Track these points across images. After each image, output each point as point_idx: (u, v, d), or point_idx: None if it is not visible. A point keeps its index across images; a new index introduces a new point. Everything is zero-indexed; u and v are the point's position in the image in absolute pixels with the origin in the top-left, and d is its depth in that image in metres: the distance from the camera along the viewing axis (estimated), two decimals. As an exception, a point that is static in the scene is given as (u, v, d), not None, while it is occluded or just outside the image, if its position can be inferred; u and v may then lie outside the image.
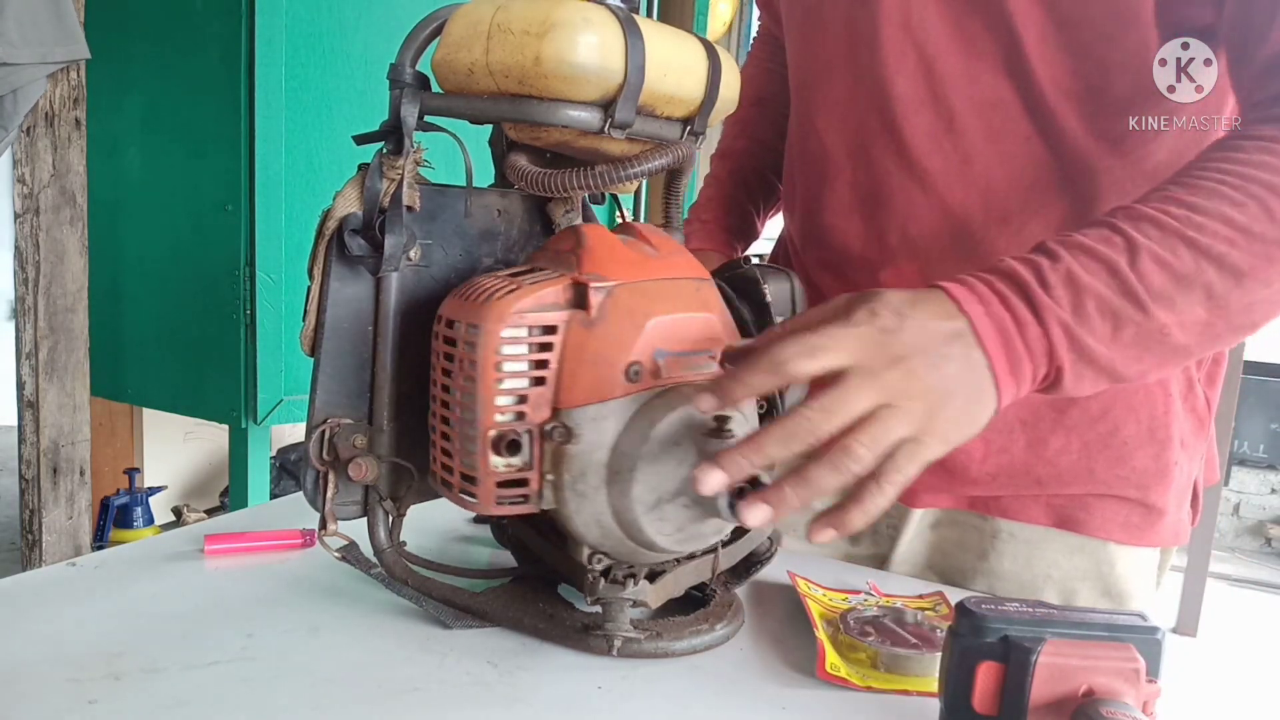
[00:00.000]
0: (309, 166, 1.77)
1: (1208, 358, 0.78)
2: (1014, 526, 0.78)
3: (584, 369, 0.54)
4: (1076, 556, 0.77)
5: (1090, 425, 0.75)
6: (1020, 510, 0.77)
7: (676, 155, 0.59)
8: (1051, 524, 0.77)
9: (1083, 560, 0.77)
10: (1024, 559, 0.78)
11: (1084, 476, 0.75)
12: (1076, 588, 0.77)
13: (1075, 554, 0.77)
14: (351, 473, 0.59)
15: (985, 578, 0.79)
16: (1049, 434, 0.75)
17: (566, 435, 0.53)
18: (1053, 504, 0.77)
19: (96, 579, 0.66)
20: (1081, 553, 0.77)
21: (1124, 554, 0.77)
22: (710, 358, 0.56)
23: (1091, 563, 0.77)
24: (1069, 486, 0.76)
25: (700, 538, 0.56)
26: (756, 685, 0.57)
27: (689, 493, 0.52)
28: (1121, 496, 0.76)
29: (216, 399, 1.80)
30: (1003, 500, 0.78)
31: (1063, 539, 0.77)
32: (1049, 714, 0.46)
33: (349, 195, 0.59)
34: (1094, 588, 0.77)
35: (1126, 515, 0.76)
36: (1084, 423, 0.75)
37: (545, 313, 0.54)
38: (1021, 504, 0.77)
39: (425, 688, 0.54)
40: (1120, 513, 0.76)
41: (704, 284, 0.60)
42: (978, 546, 0.80)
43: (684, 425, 0.52)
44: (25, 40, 1.52)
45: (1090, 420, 0.75)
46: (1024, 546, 0.78)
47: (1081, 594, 0.77)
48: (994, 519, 0.79)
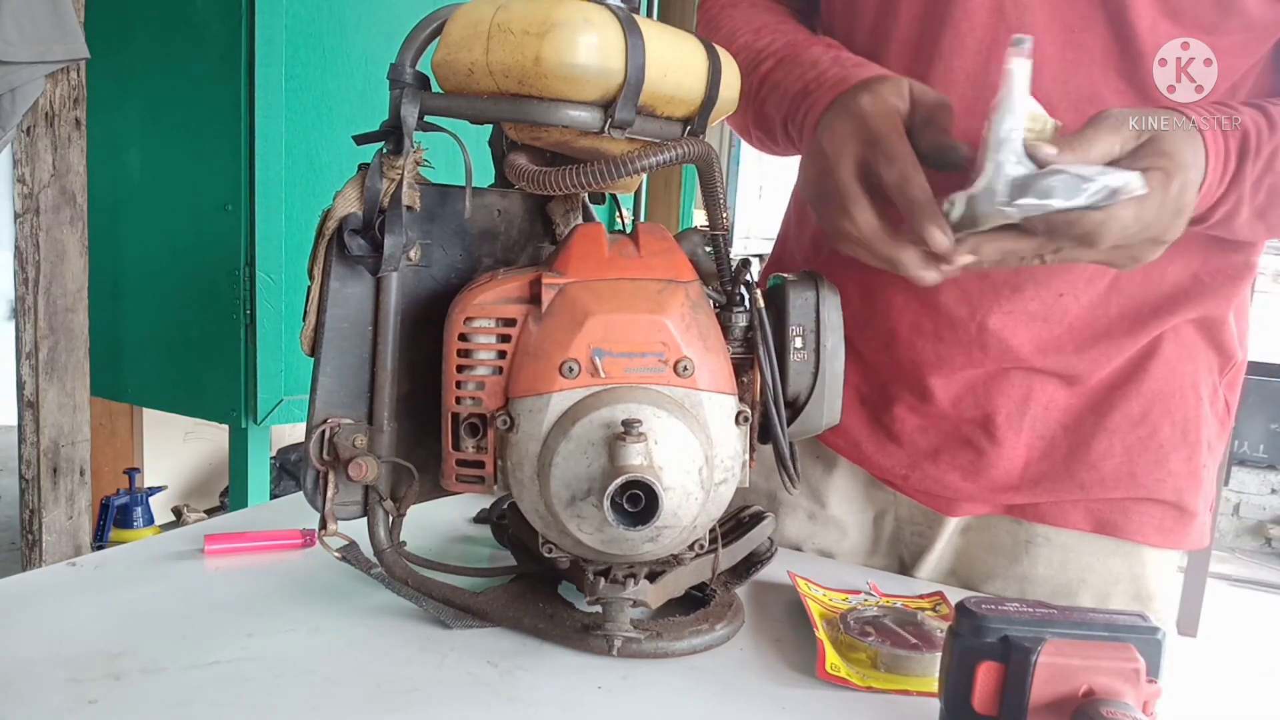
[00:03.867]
0: (309, 166, 1.77)
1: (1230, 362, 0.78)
2: (1050, 531, 0.77)
3: (528, 362, 0.56)
4: (1111, 560, 0.77)
5: (1131, 428, 0.75)
6: (1059, 515, 0.77)
7: (676, 153, 0.59)
8: (1090, 529, 0.76)
9: (1117, 563, 0.77)
10: (1059, 563, 0.77)
11: (1126, 480, 0.75)
12: (1111, 591, 0.77)
13: (1110, 557, 0.77)
14: (351, 473, 0.59)
15: (1016, 581, 0.79)
16: (1091, 438, 0.75)
17: (509, 424, 0.56)
18: (1092, 509, 0.76)
19: (96, 579, 0.66)
20: (1116, 556, 0.77)
21: (1154, 556, 0.77)
22: (660, 360, 0.55)
23: (1125, 566, 0.77)
24: (1111, 491, 0.75)
25: (624, 541, 0.54)
26: (756, 685, 0.57)
27: (596, 492, 0.52)
28: (1159, 499, 0.76)
29: (216, 399, 1.80)
30: (1041, 506, 0.77)
31: (1098, 543, 0.77)
32: (1049, 714, 0.46)
33: (349, 195, 0.59)
34: (1126, 590, 0.77)
35: (1161, 518, 0.76)
36: (1125, 425, 0.75)
37: (505, 305, 0.57)
38: (1061, 509, 0.77)
39: (425, 688, 0.54)
40: (1156, 516, 0.76)
41: (670, 286, 0.57)
42: (1010, 550, 0.79)
43: (599, 426, 0.53)
44: (23, 39, 1.52)
45: (1131, 423, 0.75)
46: (1059, 551, 0.77)
47: (1115, 598, 0.77)
48: (1030, 524, 0.78)
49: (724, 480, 0.57)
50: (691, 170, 0.62)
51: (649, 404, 0.53)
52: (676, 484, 0.53)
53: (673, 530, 0.55)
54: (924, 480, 0.79)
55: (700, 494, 0.54)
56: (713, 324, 0.58)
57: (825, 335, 0.60)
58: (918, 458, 0.79)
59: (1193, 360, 0.76)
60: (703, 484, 0.54)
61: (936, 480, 0.78)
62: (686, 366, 0.55)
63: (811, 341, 0.60)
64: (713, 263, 0.62)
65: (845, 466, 0.84)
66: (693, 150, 0.58)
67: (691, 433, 0.54)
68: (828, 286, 0.61)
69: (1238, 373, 0.79)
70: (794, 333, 0.61)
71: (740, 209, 3.75)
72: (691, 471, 0.54)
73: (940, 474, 0.78)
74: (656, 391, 0.55)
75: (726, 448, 0.56)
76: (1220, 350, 0.77)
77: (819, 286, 0.61)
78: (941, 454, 0.78)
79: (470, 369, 0.58)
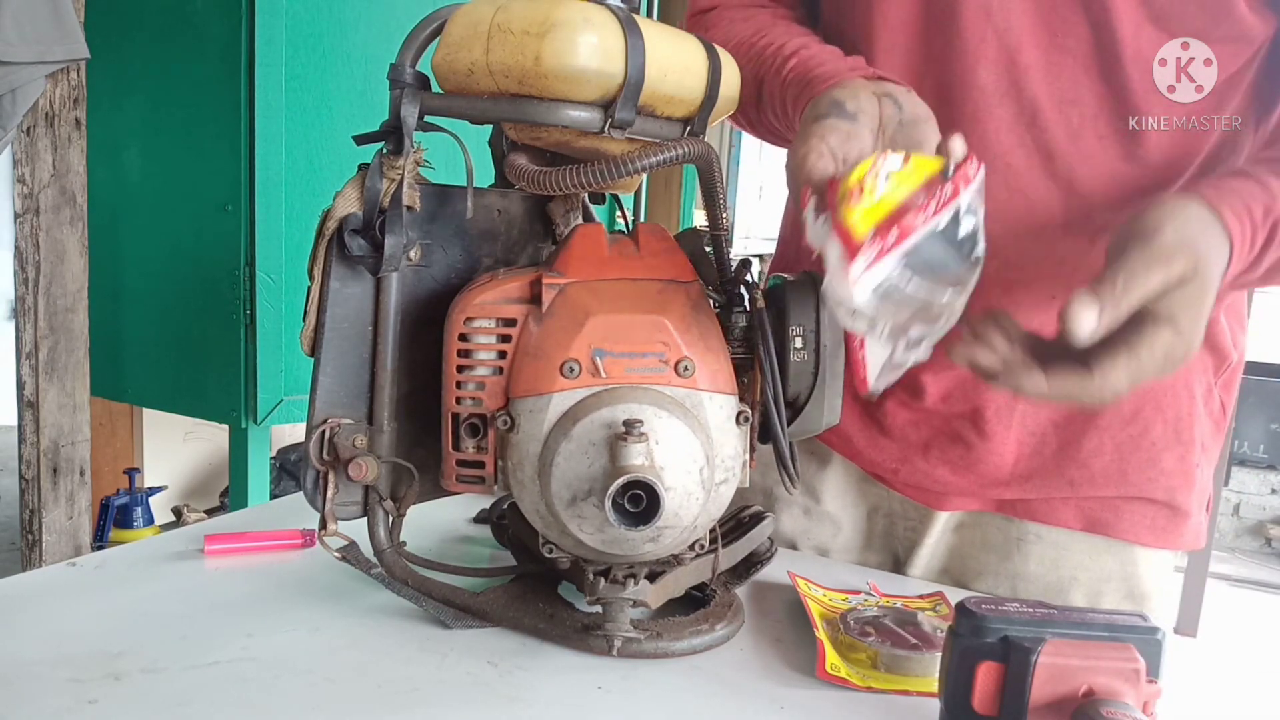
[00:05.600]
0: (309, 166, 1.77)
1: (1226, 362, 0.78)
2: (1042, 529, 0.77)
3: (528, 362, 0.56)
4: (1103, 558, 0.77)
5: (1122, 426, 0.75)
6: (1050, 513, 0.77)
7: (676, 153, 0.59)
8: (1081, 527, 0.77)
9: (1109, 562, 0.77)
10: (1051, 561, 0.78)
11: (1116, 479, 0.75)
12: (1103, 590, 0.77)
13: (1102, 556, 0.77)
14: (351, 473, 0.59)
15: (1008, 579, 0.79)
16: (1081, 435, 0.75)
17: (509, 424, 0.56)
18: (1083, 507, 0.76)
19: (96, 579, 0.66)
20: (1108, 555, 0.77)
21: (1147, 556, 0.77)
22: (660, 360, 0.55)
23: (1117, 564, 0.77)
24: (1101, 489, 0.75)
25: (625, 542, 0.55)
26: (756, 685, 0.57)
27: (597, 492, 0.52)
28: (1150, 499, 0.76)
29: (216, 399, 1.80)
30: (1032, 503, 0.77)
31: (1090, 541, 0.77)
32: (1049, 714, 0.46)
33: (349, 195, 0.59)
34: (1119, 589, 0.77)
35: (1153, 518, 0.76)
36: (1116, 424, 0.75)
37: (506, 305, 0.58)
38: (1051, 506, 0.77)
39: (425, 688, 0.54)
40: (1148, 515, 0.76)
41: (670, 286, 0.58)
42: (1001, 548, 0.79)
43: (600, 426, 0.53)
44: (23, 39, 1.52)
45: (1122, 421, 0.75)
46: (1051, 549, 0.77)
47: (1107, 596, 0.77)
48: (1021, 521, 0.78)
49: (724, 480, 0.57)
50: (691, 170, 0.62)
51: (650, 404, 0.53)
52: (677, 484, 0.53)
53: (673, 530, 0.55)
54: (914, 474, 0.79)
55: (701, 494, 0.54)
56: (713, 324, 0.58)
57: (825, 335, 0.60)
58: (908, 452, 0.79)
59: None
60: (703, 484, 0.54)
61: (926, 474, 0.78)
62: (687, 366, 0.55)
63: (811, 341, 0.60)
64: (713, 263, 0.62)
65: (839, 462, 0.84)
66: (693, 150, 0.58)
67: (692, 433, 0.54)
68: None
69: (1234, 373, 0.79)
70: (794, 333, 0.60)
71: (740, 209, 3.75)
72: (692, 472, 0.54)
73: (930, 468, 0.78)
74: (657, 392, 0.55)
75: (727, 448, 0.56)
76: (1214, 350, 0.77)
77: (819, 286, 0.61)
78: (931, 448, 0.78)
79: (470, 369, 0.58)
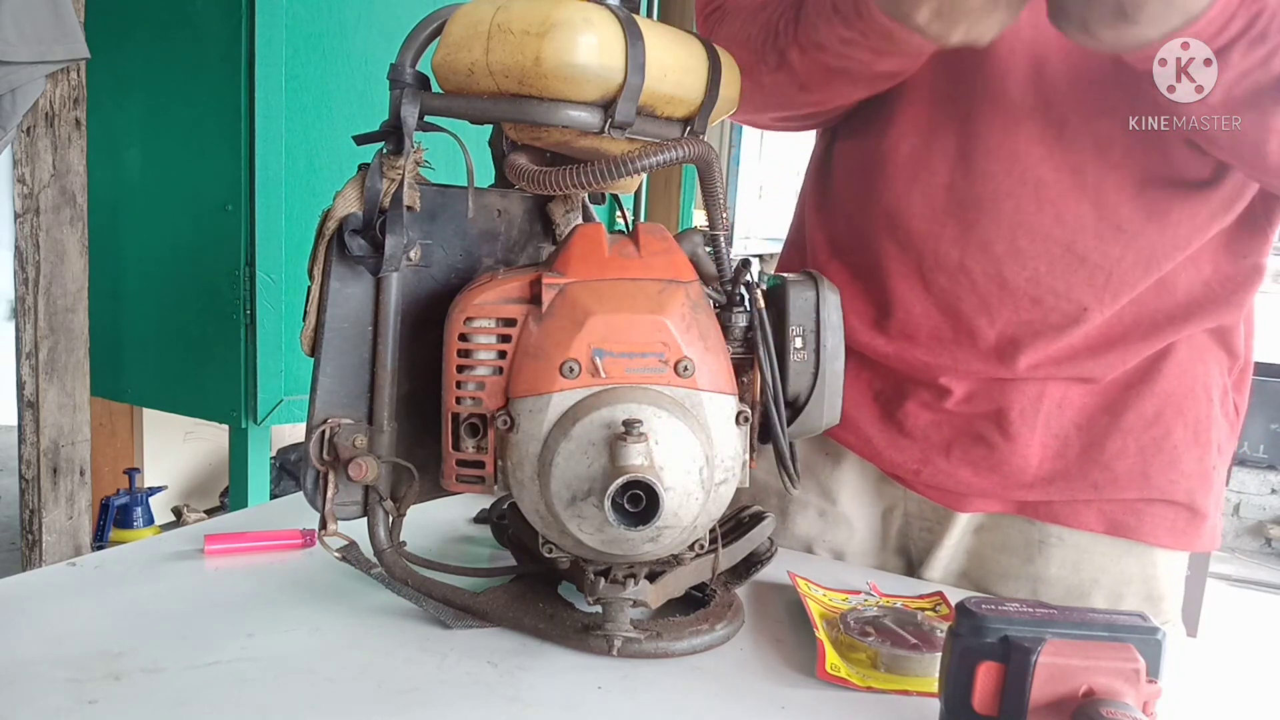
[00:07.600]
0: (309, 166, 1.77)
1: (1237, 363, 0.78)
2: (1064, 532, 0.77)
3: (528, 362, 0.56)
4: (1124, 561, 0.77)
5: (1145, 428, 0.75)
6: (1072, 515, 0.77)
7: (676, 153, 0.59)
8: (1103, 530, 0.76)
9: (1130, 564, 0.77)
10: (1072, 564, 0.77)
11: (1139, 481, 0.75)
12: (1124, 592, 0.77)
13: (1123, 558, 0.77)
14: (351, 473, 0.59)
15: (1029, 582, 0.78)
16: (1105, 438, 0.75)
17: (509, 424, 0.56)
18: (1105, 509, 0.76)
19: (96, 579, 0.66)
20: (1129, 557, 0.77)
21: (1165, 558, 0.77)
22: (660, 360, 0.55)
23: (1138, 567, 0.77)
24: (1124, 491, 0.75)
25: (625, 542, 0.55)
26: (756, 685, 0.57)
27: (597, 492, 0.52)
28: (1172, 500, 0.76)
29: (216, 399, 1.80)
30: (1054, 505, 0.77)
31: (1111, 544, 0.77)
32: (1049, 714, 0.46)
33: (349, 195, 0.59)
34: (1139, 591, 0.77)
35: (1174, 520, 0.76)
36: (1139, 425, 0.75)
37: (506, 305, 0.58)
38: (1074, 509, 0.77)
39: (425, 688, 0.54)
40: (1169, 517, 0.76)
41: (670, 286, 0.57)
42: (1023, 550, 0.79)
43: (600, 426, 0.53)
44: (23, 39, 1.52)
45: (1145, 423, 0.75)
46: (1073, 551, 0.77)
47: (1128, 598, 0.77)
48: (1043, 524, 0.78)
49: (724, 480, 0.57)
50: (691, 170, 0.62)
51: (649, 404, 0.53)
52: (677, 484, 0.53)
53: (673, 530, 0.55)
54: (935, 475, 0.79)
55: (701, 494, 0.54)
56: (713, 324, 0.58)
57: (825, 335, 0.60)
58: (930, 452, 0.79)
59: (1204, 361, 0.77)
60: (703, 484, 0.54)
61: (948, 475, 0.78)
62: (687, 367, 0.55)
63: (811, 341, 0.60)
64: (713, 263, 0.62)
65: (854, 463, 0.84)
66: (692, 150, 0.58)
67: (692, 433, 0.54)
68: (828, 286, 0.61)
69: (1245, 375, 0.79)
70: (794, 333, 0.60)
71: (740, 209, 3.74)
72: (692, 471, 0.54)
73: (952, 469, 0.78)
74: (657, 392, 0.55)
75: (727, 448, 0.56)
76: (1228, 350, 0.78)
77: (819, 286, 0.61)
78: (954, 449, 0.78)
79: (470, 369, 0.58)
